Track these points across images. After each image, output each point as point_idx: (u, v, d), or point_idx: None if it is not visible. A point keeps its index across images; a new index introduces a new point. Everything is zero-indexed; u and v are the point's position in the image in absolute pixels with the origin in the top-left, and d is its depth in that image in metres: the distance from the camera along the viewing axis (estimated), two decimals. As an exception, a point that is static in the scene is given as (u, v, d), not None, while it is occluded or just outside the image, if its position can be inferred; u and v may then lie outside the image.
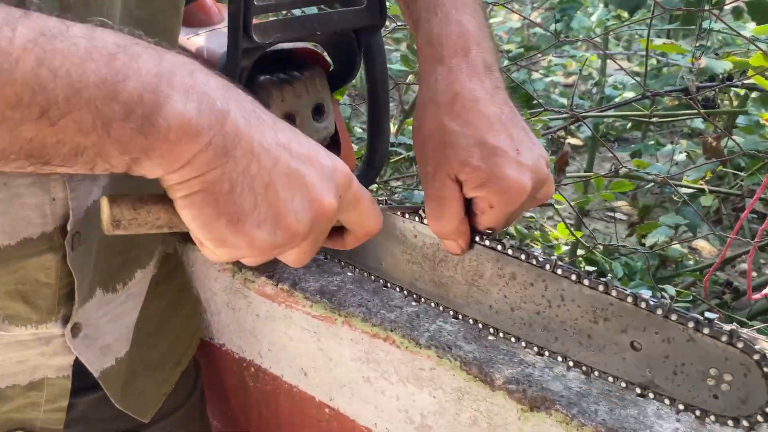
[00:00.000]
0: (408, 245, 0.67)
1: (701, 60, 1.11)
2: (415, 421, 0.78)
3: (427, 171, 0.61)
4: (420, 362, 0.74)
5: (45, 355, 0.71)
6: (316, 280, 0.85)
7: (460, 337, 0.74)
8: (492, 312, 0.64)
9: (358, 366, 0.81)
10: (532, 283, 0.60)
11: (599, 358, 0.59)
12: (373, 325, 0.77)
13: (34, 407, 0.74)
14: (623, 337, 0.56)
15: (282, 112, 0.78)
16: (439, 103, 0.61)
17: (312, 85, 0.80)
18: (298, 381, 0.89)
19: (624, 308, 0.55)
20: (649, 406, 0.65)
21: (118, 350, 0.78)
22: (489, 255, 0.62)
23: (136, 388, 0.83)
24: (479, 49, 0.63)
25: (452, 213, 0.60)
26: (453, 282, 0.65)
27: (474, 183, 0.58)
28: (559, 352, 0.61)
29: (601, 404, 0.66)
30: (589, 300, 0.57)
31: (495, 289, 0.63)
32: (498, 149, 0.58)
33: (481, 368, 0.70)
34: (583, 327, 0.58)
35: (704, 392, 0.54)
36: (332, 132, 0.86)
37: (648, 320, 0.55)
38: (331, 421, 0.88)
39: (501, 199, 0.58)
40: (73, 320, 0.69)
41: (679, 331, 0.53)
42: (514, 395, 0.68)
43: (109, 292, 0.75)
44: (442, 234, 0.61)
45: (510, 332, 0.63)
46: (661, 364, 0.55)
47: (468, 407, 0.72)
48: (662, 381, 0.56)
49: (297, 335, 0.86)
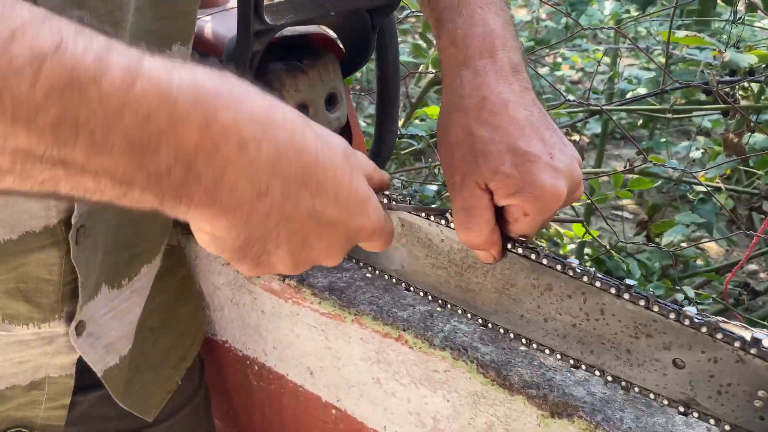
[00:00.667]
0: (433, 249, 0.63)
1: (725, 53, 1.07)
2: (427, 425, 0.74)
3: (455, 180, 0.57)
4: (434, 364, 0.71)
5: (47, 354, 0.68)
6: (324, 276, 0.82)
7: (476, 338, 0.71)
8: (523, 321, 0.60)
9: (367, 366, 0.77)
10: (570, 295, 0.56)
11: (637, 374, 0.55)
12: (384, 323, 0.74)
13: (35, 405, 0.71)
14: (666, 354, 0.53)
15: (296, 102, 0.75)
16: (466, 108, 0.57)
17: (325, 73, 0.76)
18: (304, 380, 0.86)
19: (669, 325, 0.52)
20: (677, 415, 0.62)
21: (121, 348, 0.75)
22: (523, 264, 0.58)
23: (139, 386, 0.80)
24: (505, 50, 0.59)
25: (482, 223, 0.56)
26: (481, 289, 0.61)
27: (506, 191, 0.55)
28: (596, 366, 0.57)
29: (627, 411, 0.62)
30: (631, 315, 0.54)
31: (528, 299, 0.59)
32: (530, 155, 0.55)
33: (498, 371, 0.67)
34: (623, 342, 0.55)
35: (750, 413, 0.51)
36: (344, 122, 0.83)
37: (694, 339, 0.51)
38: (338, 422, 0.85)
39: (536, 206, 0.55)
40: (77, 318, 0.66)
41: (727, 352, 0.50)
42: (534, 400, 0.64)
43: (114, 288, 0.72)
44: (473, 245, 0.58)
45: (542, 343, 0.60)
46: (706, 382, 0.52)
47: (484, 412, 0.68)
48: (705, 400, 0.53)
49: (304, 333, 0.82)
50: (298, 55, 0.77)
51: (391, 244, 0.55)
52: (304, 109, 0.76)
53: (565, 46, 2.46)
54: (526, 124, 0.56)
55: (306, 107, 0.76)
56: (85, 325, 0.68)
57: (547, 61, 2.90)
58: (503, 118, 0.56)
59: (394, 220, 0.65)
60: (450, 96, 0.60)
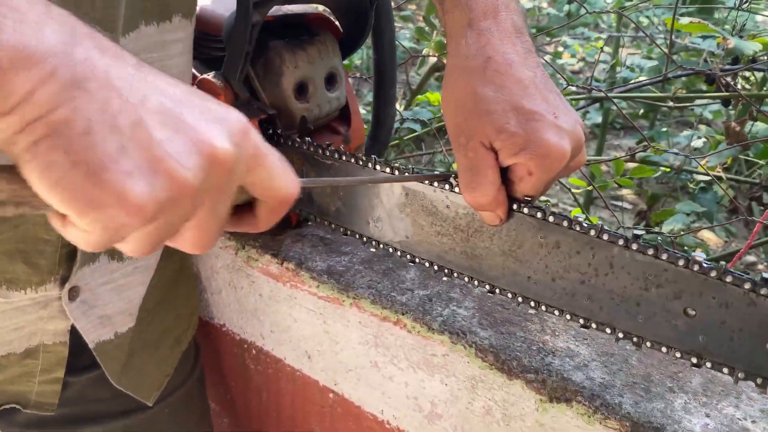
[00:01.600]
0: (439, 216, 0.63)
1: (729, 41, 1.06)
2: (425, 409, 0.74)
3: (460, 141, 0.57)
4: (432, 348, 0.70)
5: (42, 319, 0.68)
6: (323, 260, 0.81)
7: (474, 322, 0.70)
8: (530, 283, 0.60)
9: (365, 350, 0.77)
10: (578, 251, 0.56)
11: (648, 327, 0.55)
12: (383, 307, 0.73)
13: (29, 378, 0.71)
14: (676, 304, 0.53)
15: (295, 79, 0.74)
16: (470, 68, 0.57)
17: (324, 51, 0.76)
18: (302, 364, 0.86)
19: (679, 273, 0.52)
20: (677, 400, 0.62)
21: (119, 324, 0.75)
22: (530, 223, 0.58)
23: (133, 366, 0.80)
24: (508, 11, 0.60)
25: (488, 183, 0.56)
26: (488, 253, 0.61)
27: (512, 150, 0.55)
28: (606, 323, 0.57)
29: (626, 396, 0.62)
30: (640, 267, 0.54)
31: (535, 259, 0.59)
32: (535, 113, 0.55)
33: (497, 356, 0.66)
34: (633, 295, 0.55)
35: (763, 358, 0.50)
36: (343, 103, 0.82)
37: (705, 285, 0.51)
38: (335, 406, 0.85)
39: (541, 165, 0.55)
40: (71, 282, 0.67)
41: (738, 295, 0.50)
42: (533, 385, 0.64)
43: (114, 260, 0.72)
44: (479, 205, 0.58)
45: (551, 304, 0.60)
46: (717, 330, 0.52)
47: (482, 396, 0.68)
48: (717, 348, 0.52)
49: (302, 317, 0.82)
50: (297, 34, 0.76)
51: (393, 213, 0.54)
52: (304, 88, 0.75)
53: (567, 34, 2.44)
54: (530, 84, 0.56)
55: (306, 84, 0.75)
56: (79, 292, 0.68)
57: (548, 50, 2.88)
58: (507, 78, 0.56)
59: (396, 190, 0.65)
60: (454, 57, 0.59)
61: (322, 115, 0.79)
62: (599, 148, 2.06)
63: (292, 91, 0.74)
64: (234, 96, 0.74)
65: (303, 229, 0.87)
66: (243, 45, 0.69)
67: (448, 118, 0.59)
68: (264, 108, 0.75)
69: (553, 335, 0.69)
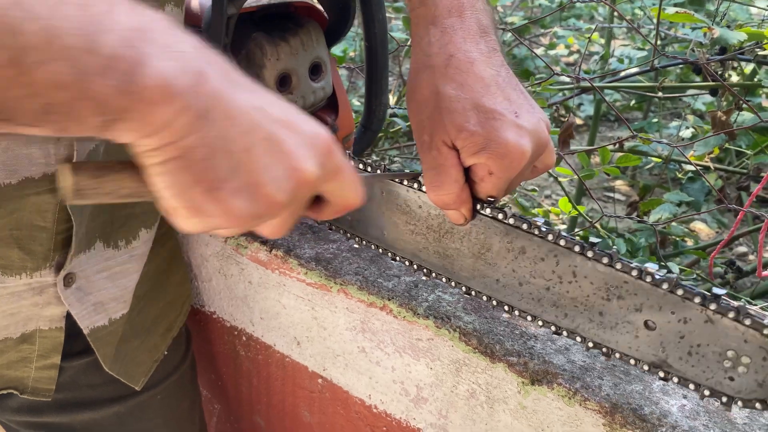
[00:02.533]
0: (412, 216, 0.64)
1: (715, 30, 1.07)
2: (411, 393, 0.75)
3: (424, 139, 0.58)
4: (417, 332, 0.71)
5: (38, 305, 0.69)
6: (311, 247, 0.82)
7: (459, 307, 0.72)
8: (499, 286, 0.61)
9: (353, 336, 0.78)
10: (542, 258, 0.57)
11: (611, 336, 0.56)
12: (369, 293, 0.75)
13: (26, 363, 0.72)
14: (637, 316, 0.54)
15: (277, 72, 0.75)
16: (433, 66, 0.58)
17: (308, 42, 0.76)
18: (291, 350, 0.87)
19: (639, 286, 0.53)
20: (655, 382, 0.63)
21: (113, 310, 0.76)
22: (498, 228, 0.59)
23: (126, 352, 0.81)
24: (474, 11, 0.60)
25: (452, 182, 0.57)
26: (459, 254, 0.62)
27: (471, 149, 0.56)
28: (569, 329, 0.58)
29: (606, 379, 0.63)
30: (603, 277, 0.54)
31: (503, 263, 0.60)
32: (495, 112, 0.55)
33: (480, 339, 0.68)
34: (596, 304, 0.56)
35: (720, 374, 0.51)
36: (330, 93, 0.83)
37: (664, 299, 0.52)
38: (324, 392, 0.86)
39: (500, 165, 0.56)
40: (66, 269, 0.68)
41: (696, 312, 0.51)
42: (515, 368, 0.65)
43: (110, 248, 0.73)
44: (443, 204, 0.59)
45: (517, 307, 0.61)
46: (676, 343, 0.53)
47: (466, 379, 0.69)
48: (676, 361, 0.53)
49: (290, 303, 0.83)
50: (281, 24, 0.76)
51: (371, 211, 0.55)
52: (286, 79, 0.76)
53: (559, 25, 2.45)
54: (492, 83, 0.57)
55: (288, 76, 0.76)
56: (75, 278, 0.69)
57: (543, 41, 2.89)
58: (469, 76, 0.57)
59: (375, 190, 0.65)
60: (418, 54, 0.60)
61: (306, 106, 0.80)
62: (591, 138, 2.07)
63: (274, 83, 0.75)
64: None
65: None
66: (220, 38, 0.69)
67: (412, 116, 0.60)
68: (250, 98, 0.76)
69: (535, 320, 0.70)
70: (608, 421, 0.60)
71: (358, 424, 0.84)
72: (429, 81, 0.58)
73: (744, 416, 0.60)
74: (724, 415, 0.60)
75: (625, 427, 0.59)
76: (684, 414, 0.60)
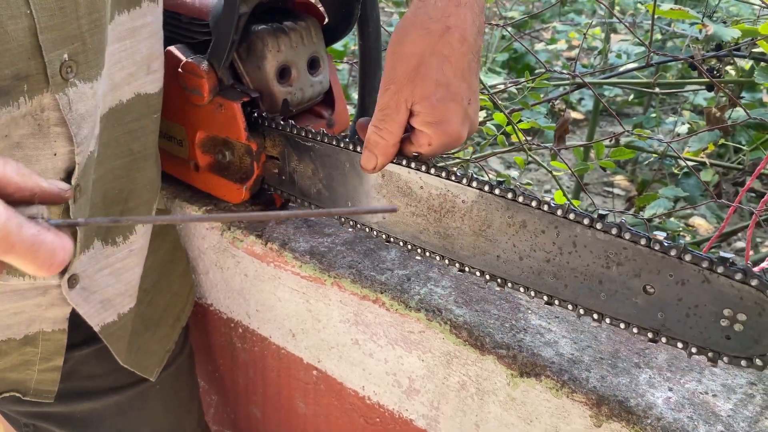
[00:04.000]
0: (413, 197, 0.66)
1: (709, 27, 1.08)
2: (403, 385, 0.77)
3: (389, 88, 0.62)
4: (409, 325, 0.73)
5: (41, 306, 0.70)
6: (306, 241, 0.83)
7: (450, 300, 0.73)
8: (499, 262, 0.63)
9: (346, 328, 0.79)
10: (543, 230, 0.58)
11: (610, 304, 0.57)
12: (362, 286, 0.76)
13: (29, 366, 0.73)
14: (636, 282, 0.55)
15: (278, 63, 0.76)
16: (429, 31, 0.61)
17: (308, 36, 0.77)
18: (286, 342, 0.88)
19: (638, 251, 0.54)
20: (642, 375, 0.64)
21: (120, 305, 0.77)
22: (499, 203, 0.60)
23: (138, 345, 0.82)
24: None
25: (393, 133, 0.63)
26: (459, 233, 0.64)
27: (426, 118, 0.61)
28: (569, 300, 0.59)
29: (593, 371, 0.64)
30: (602, 245, 0.56)
31: (504, 238, 0.61)
32: (457, 95, 0.61)
33: (471, 332, 0.69)
34: (595, 273, 0.57)
35: (717, 333, 0.52)
36: (327, 88, 0.84)
37: (662, 263, 0.53)
38: (318, 383, 0.87)
39: (441, 142, 0.62)
40: (70, 271, 0.69)
41: (693, 273, 0.52)
42: (504, 360, 0.66)
43: (108, 245, 0.74)
44: (373, 143, 0.64)
45: (518, 282, 0.62)
46: (674, 306, 0.54)
47: (457, 371, 0.70)
48: (674, 324, 0.55)
49: (285, 296, 0.84)
50: (281, 19, 0.77)
51: (370, 195, 0.59)
52: (286, 71, 0.77)
53: (559, 20, 2.45)
54: (466, 67, 0.61)
55: (288, 68, 0.77)
56: (78, 279, 0.70)
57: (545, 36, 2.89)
58: (456, 55, 0.61)
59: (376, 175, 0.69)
60: (419, 10, 0.62)
61: (304, 99, 0.81)
62: (591, 133, 2.08)
63: (274, 74, 0.76)
64: (218, 80, 0.76)
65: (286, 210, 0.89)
66: (229, 34, 0.70)
67: (389, 62, 0.63)
68: (247, 91, 0.77)
69: (526, 314, 0.71)
70: (594, 413, 0.61)
71: (352, 415, 0.85)
72: (419, 42, 0.61)
73: (728, 408, 0.61)
74: (708, 407, 0.61)
75: (611, 418, 0.61)
76: (669, 406, 0.61)
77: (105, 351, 0.78)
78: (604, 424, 0.61)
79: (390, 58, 0.63)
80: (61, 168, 0.62)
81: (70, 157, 0.62)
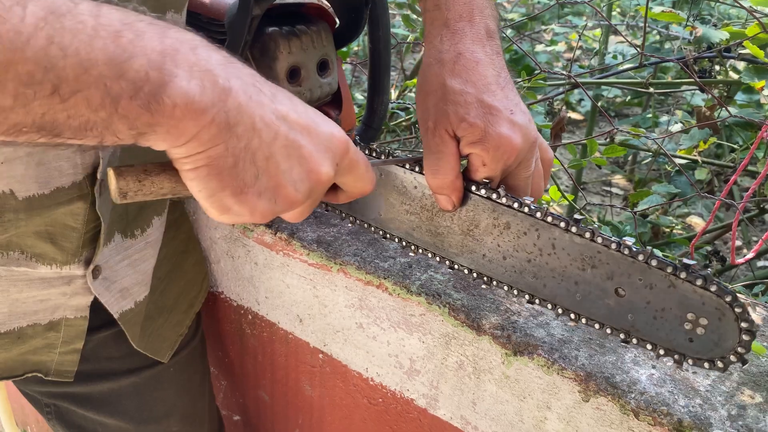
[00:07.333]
0: (408, 196, 0.70)
1: (698, 29, 1.12)
2: (405, 366, 0.81)
3: (428, 126, 0.64)
4: (410, 308, 0.77)
5: (66, 294, 0.74)
6: (313, 231, 0.88)
7: (449, 285, 0.77)
8: (485, 261, 0.67)
9: (351, 312, 0.84)
10: (525, 232, 0.63)
11: (585, 305, 0.61)
12: (366, 273, 0.80)
13: (51, 349, 0.78)
14: (608, 284, 0.59)
15: (288, 64, 0.80)
16: (443, 62, 0.64)
17: (318, 40, 0.82)
18: (294, 327, 0.93)
19: (611, 255, 0.58)
20: (627, 354, 0.69)
21: (137, 294, 0.82)
22: (486, 205, 0.64)
23: (152, 330, 0.87)
24: (483, 16, 0.66)
25: (449, 168, 0.63)
26: (449, 232, 0.68)
27: (470, 139, 0.62)
28: (548, 299, 0.64)
29: (582, 350, 0.69)
30: (578, 248, 0.60)
31: (489, 238, 0.65)
32: (493, 108, 0.62)
33: (468, 315, 0.73)
34: (572, 274, 0.61)
35: (681, 336, 0.56)
36: (335, 89, 0.88)
37: (632, 267, 0.57)
38: (324, 366, 0.92)
39: (494, 156, 0.62)
40: (94, 262, 0.73)
41: (660, 278, 0.56)
42: (499, 340, 0.71)
43: (127, 238, 0.79)
44: (438, 187, 0.65)
45: (501, 280, 0.66)
46: (643, 309, 0.58)
47: (455, 352, 0.75)
48: (642, 326, 0.59)
49: (294, 283, 0.89)
50: (293, 23, 0.82)
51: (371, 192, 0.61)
52: (296, 72, 0.82)
53: (557, 22, 2.50)
54: (494, 82, 0.63)
55: (298, 69, 0.81)
56: (101, 270, 0.75)
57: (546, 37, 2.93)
58: (474, 74, 0.63)
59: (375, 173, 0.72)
60: (430, 50, 0.66)
61: (313, 99, 0.86)
62: (588, 132, 2.12)
63: (284, 74, 0.81)
64: (231, 78, 0.80)
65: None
66: (242, 35, 0.75)
67: (419, 104, 0.66)
68: (259, 90, 0.81)
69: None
70: (583, 388, 0.66)
71: (356, 396, 0.90)
72: (438, 74, 0.64)
73: (707, 384, 0.66)
74: (688, 383, 0.65)
75: (597, 393, 0.65)
76: (652, 382, 0.65)
77: (123, 334, 0.83)
78: (592, 398, 0.66)
79: (419, 100, 0.66)
80: (88, 163, 0.66)
81: (95, 152, 0.66)
